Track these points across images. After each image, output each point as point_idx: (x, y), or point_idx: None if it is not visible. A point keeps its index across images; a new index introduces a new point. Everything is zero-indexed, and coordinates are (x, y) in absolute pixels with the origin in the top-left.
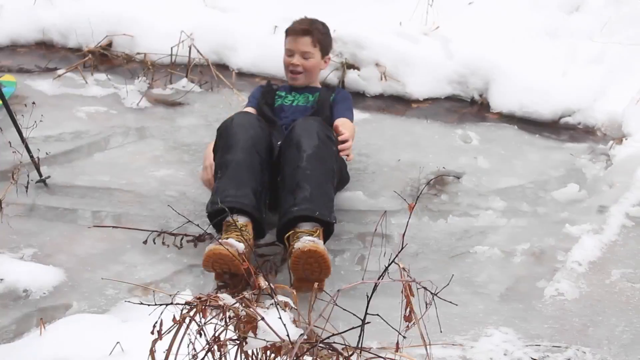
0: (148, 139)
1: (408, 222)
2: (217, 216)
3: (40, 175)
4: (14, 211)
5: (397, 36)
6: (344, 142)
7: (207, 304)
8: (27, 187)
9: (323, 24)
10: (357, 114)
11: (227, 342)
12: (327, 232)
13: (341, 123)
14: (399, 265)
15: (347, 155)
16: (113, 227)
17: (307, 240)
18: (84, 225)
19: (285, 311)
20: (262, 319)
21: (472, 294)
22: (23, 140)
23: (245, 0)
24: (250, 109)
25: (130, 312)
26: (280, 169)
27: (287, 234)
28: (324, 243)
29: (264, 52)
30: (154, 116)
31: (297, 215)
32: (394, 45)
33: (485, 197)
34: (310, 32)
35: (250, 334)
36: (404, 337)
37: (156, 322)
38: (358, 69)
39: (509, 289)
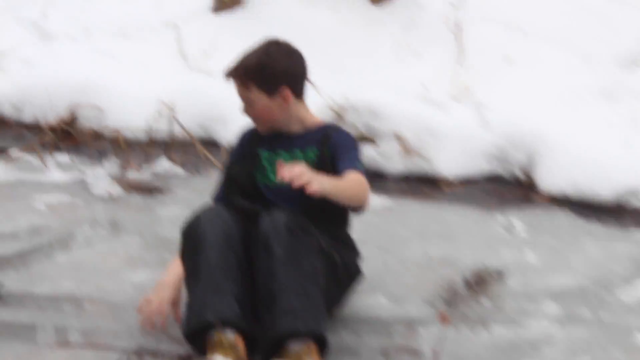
0: (122, 234)
1: (442, 334)
2: (197, 335)
3: None
4: None
5: (421, 102)
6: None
7: None
8: None
9: (264, 51)
10: (376, 200)
11: None
12: (321, 346)
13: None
14: None
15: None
16: (80, 346)
17: None
18: (45, 344)
19: None
20: None
21: None
22: None
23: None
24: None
25: None
26: (255, 279)
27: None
28: None
29: None
30: (128, 206)
31: (281, 334)
32: (417, 112)
33: (536, 301)
34: (235, 76)
35: None
36: None
37: None
38: (375, 142)
39: None
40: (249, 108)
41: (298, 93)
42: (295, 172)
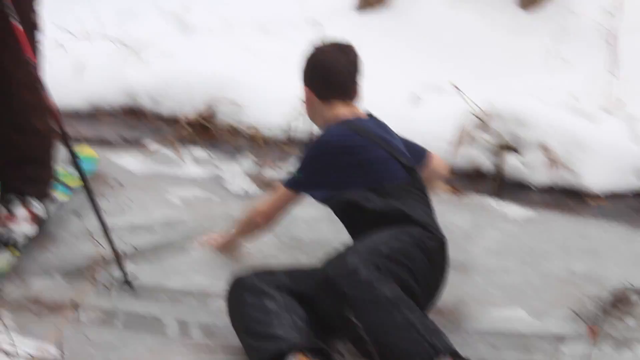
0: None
1: (585, 351)
2: None
3: (125, 274)
4: (91, 318)
5: (571, 113)
6: None
7: None
8: (109, 289)
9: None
10: (518, 210)
11: None
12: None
13: None
14: None
15: None
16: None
17: None
18: (173, 338)
19: None
20: None
21: None
22: (106, 230)
23: (378, 63)
24: None
25: None
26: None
27: None
28: None
29: (400, 126)
30: None
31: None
32: (566, 124)
33: None
34: None
35: None
36: None
37: None
38: (519, 152)
39: None
40: None
41: (320, 95)
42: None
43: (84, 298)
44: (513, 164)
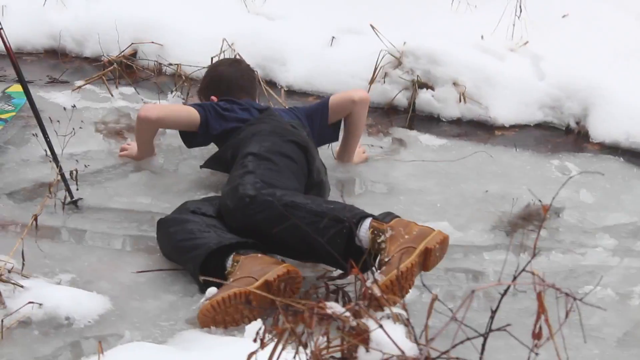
0: (189, 160)
1: (538, 235)
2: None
3: (71, 195)
4: (42, 234)
5: (479, 51)
6: None
7: (314, 311)
8: (64, 205)
9: None
10: (432, 140)
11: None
12: None
13: None
14: (533, 273)
15: None
16: (159, 270)
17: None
18: (125, 251)
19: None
20: (381, 326)
21: (584, 338)
22: (54, 154)
23: (295, 8)
24: None
25: (192, 343)
26: None
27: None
28: None
29: (318, 67)
30: None
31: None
32: (475, 61)
33: (592, 235)
34: None
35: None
36: (536, 354)
37: (259, 330)
38: (432, 88)
39: (627, 334)
40: None
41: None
42: None
43: (32, 217)
44: (426, 99)
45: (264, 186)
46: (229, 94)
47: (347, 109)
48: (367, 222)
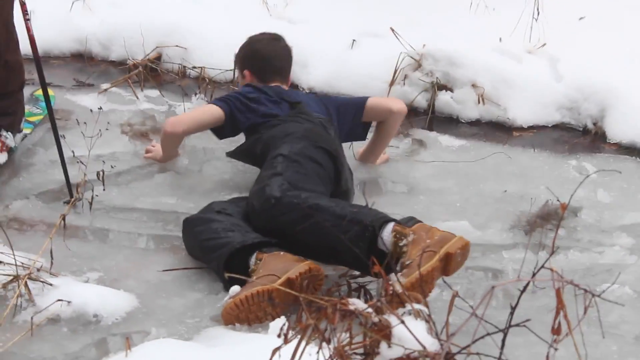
0: (213, 161)
1: (556, 231)
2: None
3: (71, 194)
4: (70, 233)
5: (497, 54)
6: None
7: (337, 308)
8: (90, 205)
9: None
10: (452, 141)
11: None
12: None
13: None
14: (552, 270)
15: None
16: (184, 268)
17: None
18: (150, 250)
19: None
20: (403, 322)
21: (602, 335)
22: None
23: (316, 12)
24: None
25: (217, 340)
26: None
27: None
28: None
29: (339, 70)
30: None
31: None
32: (493, 63)
33: (609, 234)
34: None
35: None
36: (556, 349)
37: (282, 326)
38: (451, 90)
39: None
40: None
41: (262, 78)
42: None
43: (60, 216)
44: (445, 100)
45: (290, 188)
46: (260, 73)
47: (383, 116)
48: (390, 226)
